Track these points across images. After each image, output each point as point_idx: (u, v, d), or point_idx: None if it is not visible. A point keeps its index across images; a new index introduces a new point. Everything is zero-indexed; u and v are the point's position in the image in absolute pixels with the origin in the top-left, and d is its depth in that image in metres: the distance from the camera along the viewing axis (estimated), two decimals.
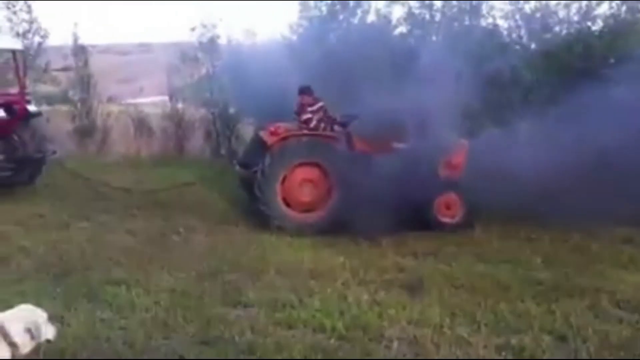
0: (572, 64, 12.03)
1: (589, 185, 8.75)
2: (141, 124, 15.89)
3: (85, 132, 15.75)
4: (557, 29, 12.84)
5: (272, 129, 9.48)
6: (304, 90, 9.71)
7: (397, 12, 13.76)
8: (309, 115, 9.55)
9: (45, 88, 16.60)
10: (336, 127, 9.79)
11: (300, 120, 9.61)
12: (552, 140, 9.45)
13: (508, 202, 8.82)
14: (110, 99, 19.77)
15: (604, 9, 12.70)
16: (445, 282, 6.96)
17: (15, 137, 11.18)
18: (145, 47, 53.57)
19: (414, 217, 9.03)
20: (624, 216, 8.90)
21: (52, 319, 3.82)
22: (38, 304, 5.79)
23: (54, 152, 12.16)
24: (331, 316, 5.82)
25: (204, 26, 14.86)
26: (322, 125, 9.63)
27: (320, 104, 9.67)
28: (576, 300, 6.46)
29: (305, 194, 9.37)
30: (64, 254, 7.54)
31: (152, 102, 20.15)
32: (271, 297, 6.29)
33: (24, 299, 5.97)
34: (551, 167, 8.75)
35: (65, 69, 16.59)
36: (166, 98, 16.47)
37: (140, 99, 19.97)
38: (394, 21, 13.69)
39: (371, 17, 13.78)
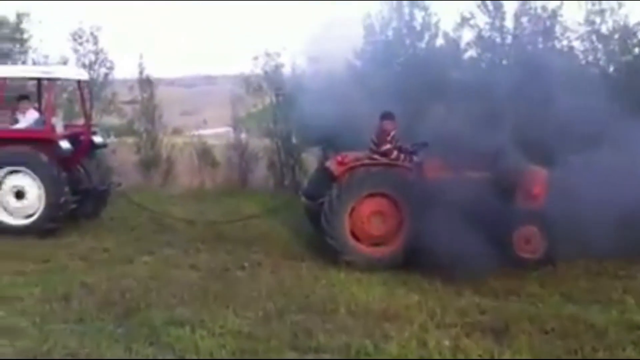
0: None
1: None
2: (205, 155, 15.80)
3: (150, 163, 15.74)
4: (637, 50, 12.07)
5: (339, 158, 9.10)
6: (387, 116, 9.21)
7: (467, 35, 13.25)
8: (389, 146, 9.10)
9: (112, 120, 16.71)
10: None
11: (379, 151, 9.14)
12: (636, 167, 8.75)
13: (591, 235, 8.15)
14: (175, 131, 19.83)
15: None
16: (532, 326, 6.37)
17: (81, 169, 11.13)
18: (210, 80, 54.40)
19: (491, 252, 8.40)
20: None
21: None
22: (98, 345, 5.60)
23: (119, 184, 12.14)
24: None
25: (268, 54, 14.70)
26: (402, 156, 9.17)
27: (393, 132, 9.22)
28: None
29: (375, 227, 8.90)
30: (127, 291, 7.26)
31: (215, 133, 20.15)
32: (343, 341, 5.83)
33: (82, 342, 5.76)
34: (637, 195, 8.08)
35: (132, 102, 16.67)
36: (229, 129, 16.35)
37: (204, 130, 19.99)
38: (462, 45, 13.18)
39: (439, 41, 13.33)
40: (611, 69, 12.51)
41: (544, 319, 6.55)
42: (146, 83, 16.12)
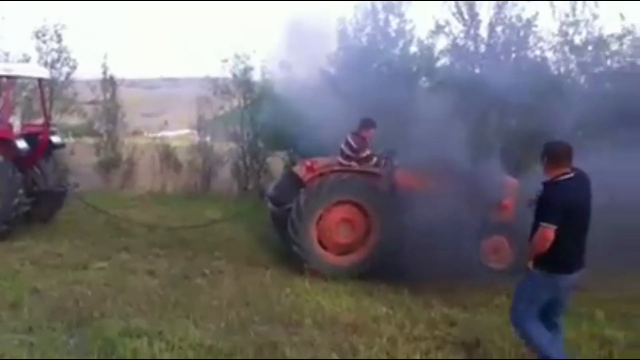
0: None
1: None
2: (167, 158, 15.38)
3: (109, 165, 15.29)
4: (609, 62, 12.11)
5: (308, 163, 8.86)
6: (370, 124, 9.04)
7: (441, 43, 13.17)
8: (369, 152, 8.96)
9: (72, 120, 16.18)
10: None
11: (359, 157, 8.95)
12: (604, 179, 8.68)
13: None
14: (136, 132, 19.35)
15: None
16: (503, 339, 6.18)
17: (37, 170, 10.68)
18: (172, 82, 53.78)
19: (458, 262, 8.24)
20: None
21: None
22: (48, 357, 5.22)
23: (77, 185, 11.67)
24: None
25: (237, 57, 14.40)
26: (382, 162, 9.00)
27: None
28: None
29: (343, 235, 8.68)
30: (80, 299, 6.88)
31: (177, 135, 19.76)
32: (310, 354, 5.59)
33: (32, 353, 5.38)
34: (604, 208, 8.01)
35: (93, 102, 16.17)
36: (193, 131, 15.99)
37: (166, 132, 19.58)
38: (436, 53, 13.09)
39: (413, 48, 13.22)
40: (582, 79, 12.52)
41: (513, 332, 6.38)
42: (109, 83, 15.68)
